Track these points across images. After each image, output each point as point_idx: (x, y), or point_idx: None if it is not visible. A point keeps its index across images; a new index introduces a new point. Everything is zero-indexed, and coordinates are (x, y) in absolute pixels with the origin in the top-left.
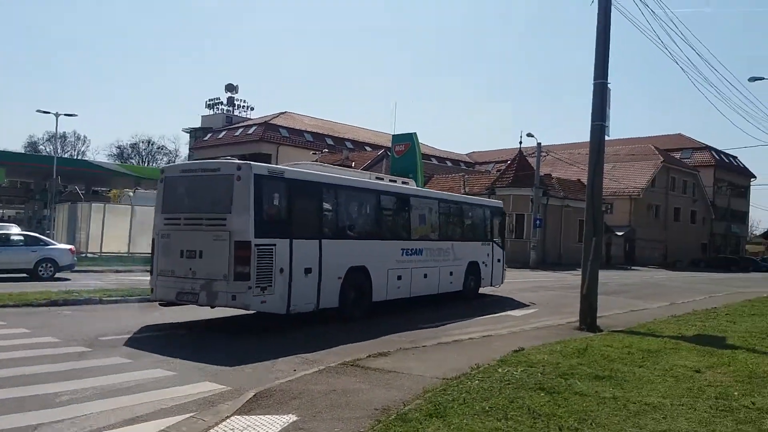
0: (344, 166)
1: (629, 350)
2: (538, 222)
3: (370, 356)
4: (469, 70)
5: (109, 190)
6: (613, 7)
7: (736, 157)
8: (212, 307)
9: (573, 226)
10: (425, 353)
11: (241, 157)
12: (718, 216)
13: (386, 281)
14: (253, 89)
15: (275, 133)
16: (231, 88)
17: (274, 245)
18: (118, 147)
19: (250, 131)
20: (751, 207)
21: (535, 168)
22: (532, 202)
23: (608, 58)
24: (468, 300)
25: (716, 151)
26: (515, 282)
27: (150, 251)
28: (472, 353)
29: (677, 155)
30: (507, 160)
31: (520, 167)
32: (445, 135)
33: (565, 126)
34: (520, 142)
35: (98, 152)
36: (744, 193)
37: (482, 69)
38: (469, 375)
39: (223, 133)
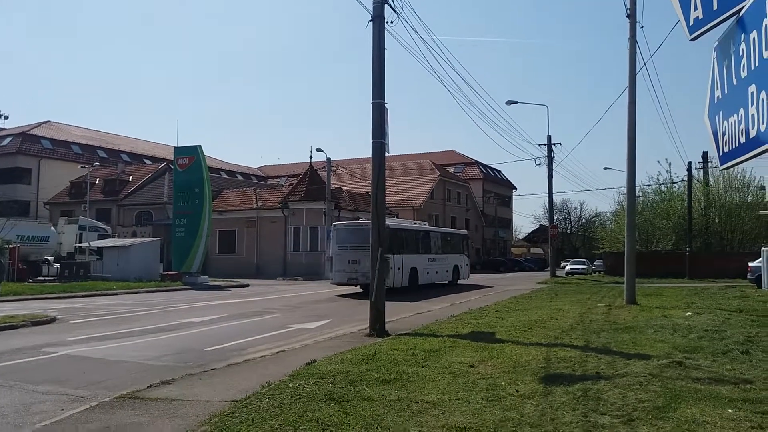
0: (121, 180)
1: (413, 352)
2: (331, 234)
3: (151, 386)
4: (259, 84)
5: None
6: (387, 32)
7: (500, 171)
8: (359, 285)
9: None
10: (214, 376)
11: None
12: (487, 223)
13: (424, 273)
14: (8, 97)
15: (36, 145)
16: None
17: (390, 257)
18: None
19: (5, 143)
20: (514, 214)
21: (326, 182)
22: (325, 215)
23: (384, 80)
24: (453, 285)
25: (483, 165)
26: (313, 294)
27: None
28: (263, 371)
29: (451, 169)
30: (299, 175)
31: (312, 181)
32: (235, 148)
33: (353, 141)
34: (311, 157)
35: None
36: (508, 202)
37: (272, 83)
38: (259, 394)
39: None
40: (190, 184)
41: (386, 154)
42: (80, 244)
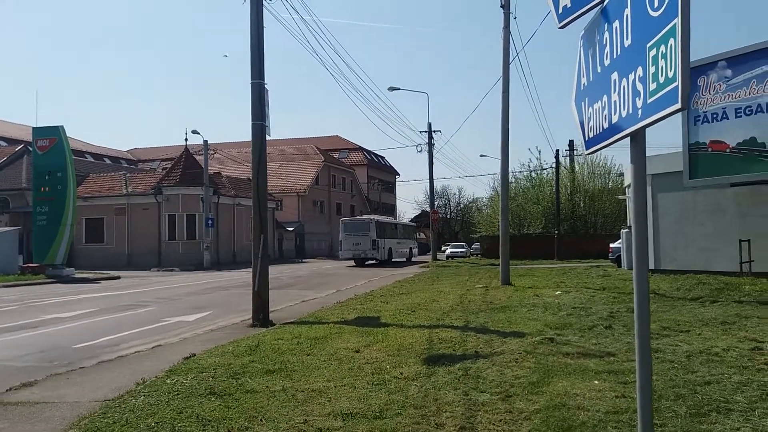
0: None
1: (299, 340)
2: (210, 222)
3: (10, 389)
4: (127, 60)
5: None
6: (265, 9)
7: (384, 158)
8: (364, 262)
9: (245, 224)
10: (83, 375)
11: None
12: (372, 208)
13: (395, 252)
14: None
15: None
16: None
17: (379, 239)
18: None
19: None
20: (397, 200)
21: (203, 166)
22: (203, 202)
23: (263, 59)
24: (409, 261)
25: (368, 151)
26: (191, 285)
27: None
28: (138, 368)
29: (336, 155)
30: (173, 158)
31: (188, 165)
32: (103, 130)
33: (233, 124)
34: (186, 140)
35: None
36: (392, 188)
37: (144, 61)
38: (134, 392)
39: None
40: (51, 168)
41: (268, 137)
42: None
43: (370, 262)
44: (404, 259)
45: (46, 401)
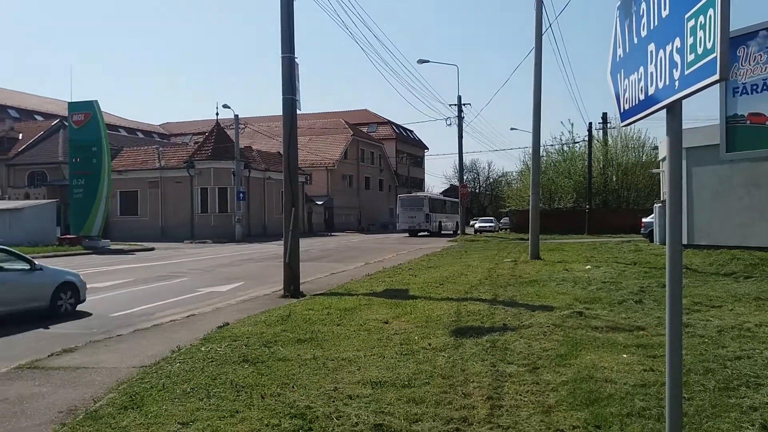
0: (9, 138)
1: (329, 311)
2: (241, 195)
3: (52, 355)
4: (159, 36)
5: None
6: None
7: (413, 131)
8: (417, 233)
9: (276, 197)
10: (120, 343)
11: None
12: (400, 183)
13: (443, 226)
14: None
15: None
16: None
17: (431, 214)
18: None
19: None
20: (426, 174)
21: (234, 140)
22: (234, 175)
23: (293, 33)
24: (455, 233)
25: (396, 125)
26: (223, 257)
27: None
28: (173, 336)
29: (364, 129)
30: (205, 132)
31: (219, 139)
32: (135, 104)
33: (263, 98)
34: (217, 114)
35: None
36: (420, 162)
37: (175, 35)
38: (170, 359)
39: None
40: (87, 143)
41: (298, 111)
42: None
43: (422, 233)
44: (451, 232)
45: (86, 366)
